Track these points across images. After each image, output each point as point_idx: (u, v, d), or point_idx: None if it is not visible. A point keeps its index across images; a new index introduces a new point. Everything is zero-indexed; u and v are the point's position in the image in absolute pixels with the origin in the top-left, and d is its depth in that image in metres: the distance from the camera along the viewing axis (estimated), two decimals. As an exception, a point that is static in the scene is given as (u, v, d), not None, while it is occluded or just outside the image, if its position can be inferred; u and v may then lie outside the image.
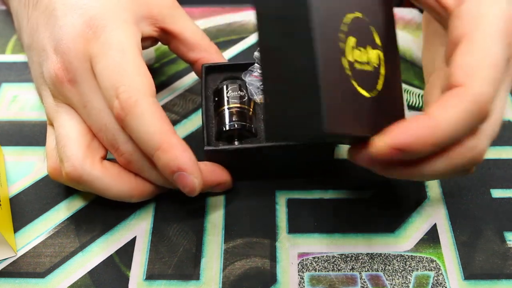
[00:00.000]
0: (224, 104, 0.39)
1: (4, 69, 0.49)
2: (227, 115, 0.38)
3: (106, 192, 0.35)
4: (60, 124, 0.36)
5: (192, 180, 0.32)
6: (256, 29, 0.27)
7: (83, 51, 0.35)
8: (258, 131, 0.39)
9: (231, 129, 0.38)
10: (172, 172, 0.32)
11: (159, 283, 0.35)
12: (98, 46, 0.34)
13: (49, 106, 0.37)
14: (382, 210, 0.38)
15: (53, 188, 0.40)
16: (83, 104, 0.35)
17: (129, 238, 0.37)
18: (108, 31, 0.35)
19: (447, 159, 0.29)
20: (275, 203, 0.39)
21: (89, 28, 0.35)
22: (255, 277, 0.35)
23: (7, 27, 0.53)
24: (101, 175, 0.35)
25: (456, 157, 0.29)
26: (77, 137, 0.35)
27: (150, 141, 0.32)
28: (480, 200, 0.39)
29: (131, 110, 0.32)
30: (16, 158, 0.42)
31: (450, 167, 0.29)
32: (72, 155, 0.34)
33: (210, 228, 0.38)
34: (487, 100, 0.28)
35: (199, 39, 0.41)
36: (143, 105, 0.32)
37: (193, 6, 0.55)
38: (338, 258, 0.36)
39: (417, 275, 0.35)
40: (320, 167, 0.40)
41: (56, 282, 0.35)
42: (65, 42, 0.35)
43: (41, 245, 0.37)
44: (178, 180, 0.33)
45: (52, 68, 0.35)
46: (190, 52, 0.41)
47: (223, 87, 0.40)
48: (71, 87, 0.35)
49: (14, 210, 0.39)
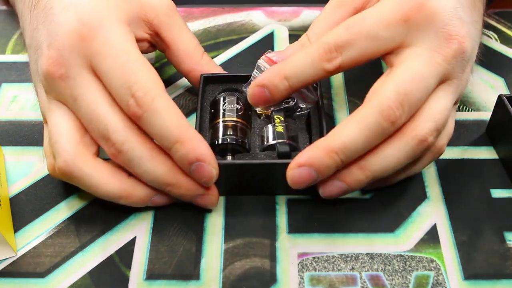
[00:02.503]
0: (219, 117, 0.39)
1: (4, 69, 0.49)
2: (221, 128, 0.38)
3: (95, 189, 0.36)
4: (52, 120, 0.36)
5: (210, 169, 0.34)
6: None
7: (77, 47, 0.35)
8: (252, 146, 0.39)
9: (224, 143, 0.38)
10: (190, 163, 0.33)
11: (159, 283, 0.35)
12: (98, 45, 0.35)
13: (43, 104, 0.37)
14: (382, 210, 0.38)
15: (53, 188, 0.40)
16: (73, 98, 0.35)
17: (129, 238, 0.37)
18: (105, 31, 0.35)
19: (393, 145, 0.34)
20: (275, 203, 0.39)
21: (83, 25, 0.35)
22: (255, 277, 0.35)
23: (7, 27, 0.53)
24: (92, 171, 0.35)
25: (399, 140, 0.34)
26: (68, 132, 0.35)
27: (169, 135, 0.33)
28: (480, 200, 0.39)
29: (149, 107, 0.33)
30: (16, 158, 0.42)
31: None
32: (63, 150, 0.34)
33: (210, 228, 0.38)
34: (383, 109, 0.32)
35: (191, 51, 0.42)
36: (160, 102, 0.33)
37: (193, 6, 0.55)
38: (338, 258, 0.36)
39: (417, 275, 0.35)
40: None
41: (56, 282, 0.35)
42: (59, 38, 0.35)
43: (41, 245, 0.37)
44: (196, 171, 0.34)
45: (45, 63, 0.35)
46: (182, 63, 0.42)
47: (220, 99, 0.40)
48: (63, 81, 0.35)
49: (14, 210, 0.39)
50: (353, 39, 0.34)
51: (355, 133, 0.32)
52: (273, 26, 0.53)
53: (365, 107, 0.33)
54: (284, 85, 0.35)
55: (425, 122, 0.33)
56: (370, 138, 0.33)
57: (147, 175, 0.35)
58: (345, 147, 0.32)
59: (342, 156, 0.33)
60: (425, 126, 0.33)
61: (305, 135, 0.40)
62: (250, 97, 0.37)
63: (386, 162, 0.34)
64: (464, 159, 0.42)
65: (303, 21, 0.54)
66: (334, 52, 0.34)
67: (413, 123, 0.34)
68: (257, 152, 0.39)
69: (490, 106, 0.45)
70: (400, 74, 0.33)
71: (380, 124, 0.32)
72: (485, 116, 0.44)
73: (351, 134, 0.32)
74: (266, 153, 0.39)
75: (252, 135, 0.40)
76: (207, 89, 0.42)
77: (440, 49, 0.34)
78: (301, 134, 0.40)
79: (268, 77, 0.35)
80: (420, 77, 0.33)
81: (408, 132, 0.33)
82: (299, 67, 0.35)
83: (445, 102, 0.35)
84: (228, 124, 0.38)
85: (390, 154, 0.34)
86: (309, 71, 0.35)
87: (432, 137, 0.34)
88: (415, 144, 0.33)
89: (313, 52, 0.35)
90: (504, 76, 0.48)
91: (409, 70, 0.33)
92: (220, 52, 0.51)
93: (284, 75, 0.35)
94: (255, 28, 0.53)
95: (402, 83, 0.33)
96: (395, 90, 0.33)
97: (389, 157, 0.34)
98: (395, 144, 0.34)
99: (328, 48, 0.34)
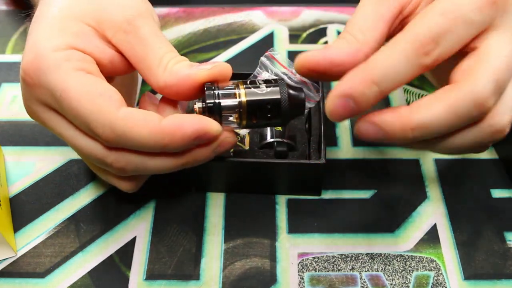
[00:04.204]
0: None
1: (4, 69, 0.49)
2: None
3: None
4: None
5: (217, 136, 0.32)
6: None
7: (28, 92, 0.32)
8: (251, 143, 0.39)
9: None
10: (193, 143, 0.31)
11: (159, 283, 0.35)
12: (41, 94, 0.32)
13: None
14: (382, 210, 0.38)
15: (53, 188, 0.40)
16: (50, 128, 0.34)
17: (129, 238, 0.37)
18: (44, 75, 0.31)
19: (461, 137, 0.31)
20: (275, 203, 0.39)
21: (25, 73, 0.32)
22: (255, 277, 0.35)
23: (7, 27, 0.53)
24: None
25: (453, 100, 0.30)
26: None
27: (152, 144, 0.31)
28: (480, 200, 0.39)
29: (116, 138, 0.30)
30: (16, 158, 0.42)
31: (450, 112, 0.30)
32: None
33: (210, 228, 0.38)
34: (478, 98, 0.29)
35: (154, 68, 0.33)
36: (121, 125, 0.30)
37: (193, 6, 0.55)
38: (338, 258, 0.36)
39: (417, 275, 0.35)
40: (309, 185, 0.39)
41: (56, 282, 0.35)
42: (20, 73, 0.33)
43: (41, 245, 0.37)
44: (205, 143, 0.32)
45: (22, 64, 0.33)
46: (148, 81, 0.34)
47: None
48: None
49: (14, 210, 0.39)
50: (451, 26, 0.29)
51: (441, 114, 0.29)
52: (273, 26, 0.53)
53: (457, 89, 0.29)
54: (374, 92, 0.29)
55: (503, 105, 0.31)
56: (454, 122, 0.30)
57: (162, 170, 0.33)
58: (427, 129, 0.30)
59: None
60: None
61: (304, 134, 0.40)
62: (331, 112, 0.29)
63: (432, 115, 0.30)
64: (464, 159, 0.42)
65: (303, 21, 0.54)
66: (431, 43, 0.29)
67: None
68: (255, 149, 0.39)
69: (490, 106, 0.44)
70: (494, 60, 0.30)
71: (470, 112, 0.29)
72: (485, 116, 0.44)
73: (437, 116, 0.29)
74: (264, 150, 0.39)
75: (251, 131, 0.40)
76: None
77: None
78: (300, 134, 0.40)
79: (352, 84, 0.29)
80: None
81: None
82: (391, 67, 0.29)
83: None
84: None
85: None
86: (404, 70, 0.29)
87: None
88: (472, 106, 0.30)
89: (407, 47, 0.29)
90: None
91: (503, 56, 0.30)
92: (220, 52, 0.51)
93: (372, 80, 0.29)
94: (255, 28, 0.53)
95: (498, 70, 0.29)
96: (493, 78, 0.29)
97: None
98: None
99: (424, 39, 0.29)
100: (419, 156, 0.42)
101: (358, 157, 0.42)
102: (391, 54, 0.29)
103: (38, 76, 0.31)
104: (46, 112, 0.33)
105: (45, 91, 0.31)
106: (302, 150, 0.39)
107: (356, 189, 0.40)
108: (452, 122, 0.29)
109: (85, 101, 0.30)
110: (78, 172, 0.41)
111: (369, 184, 0.40)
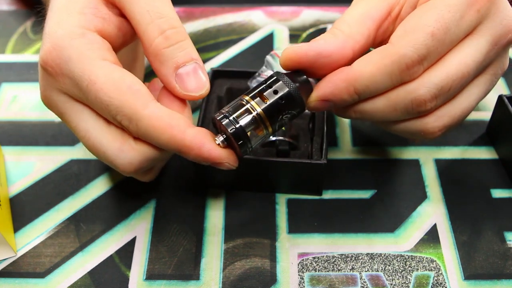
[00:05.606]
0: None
1: (4, 69, 0.49)
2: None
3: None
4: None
5: (227, 166, 0.32)
6: None
7: (50, 84, 0.32)
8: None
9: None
10: (205, 162, 0.32)
11: (159, 283, 0.35)
12: (65, 82, 0.31)
13: None
14: (382, 210, 0.38)
15: (53, 188, 0.40)
16: (69, 125, 0.33)
17: (129, 238, 0.37)
18: (67, 65, 0.31)
19: (385, 99, 0.32)
20: (275, 203, 0.39)
21: (45, 64, 0.32)
22: (255, 277, 0.35)
23: (7, 27, 0.53)
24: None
25: (394, 98, 0.32)
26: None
27: (171, 146, 0.31)
28: (480, 200, 0.39)
29: (138, 131, 0.30)
30: (16, 158, 0.42)
31: (390, 106, 0.32)
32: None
33: (210, 228, 0.38)
34: (407, 60, 0.30)
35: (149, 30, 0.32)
36: (142, 124, 0.30)
37: (193, 6, 0.55)
38: (338, 258, 0.36)
39: (417, 275, 0.35)
40: (310, 185, 0.39)
41: (56, 282, 0.35)
42: (40, 62, 0.32)
43: (41, 245, 0.37)
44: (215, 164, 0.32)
45: (40, 54, 0.32)
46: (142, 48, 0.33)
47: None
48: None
49: (14, 210, 0.39)
50: (436, 47, 0.31)
51: (373, 71, 0.31)
52: (273, 26, 0.53)
53: (387, 50, 0.31)
54: (354, 99, 0.32)
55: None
56: (385, 80, 0.31)
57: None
58: (365, 86, 0.31)
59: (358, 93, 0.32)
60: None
61: (307, 134, 0.40)
62: (312, 109, 0.33)
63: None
64: (464, 159, 0.42)
65: (303, 21, 0.54)
66: (416, 65, 0.31)
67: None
68: (258, 147, 0.39)
69: (490, 106, 0.44)
70: (426, 27, 0.31)
71: (394, 71, 0.31)
72: (485, 116, 0.44)
73: (370, 71, 0.31)
74: (266, 148, 0.39)
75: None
76: (215, 83, 0.42)
77: None
78: (303, 133, 0.40)
79: (335, 92, 0.32)
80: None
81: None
82: (374, 83, 0.31)
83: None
84: None
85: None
86: (386, 85, 0.31)
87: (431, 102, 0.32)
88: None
89: (393, 68, 0.31)
90: (505, 76, 0.48)
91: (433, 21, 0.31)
92: (220, 52, 0.51)
93: (354, 90, 0.31)
94: (255, 28, 0.53)
95: (428, 39, 0.31)
96: (419, 47, 0.30)
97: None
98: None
99: (411, 63, 0.30)
100: (419, 156, 0.42)
101: (358, 157, 0.42)
102: (376, 71, 0.31)
103: (59, 65, 0.31)
104: (67, 101, 0.32)
105: (68, 80, 0.31)
106: (304, 149, 0.39)
107: (356, 189, 0.40)
108: (384, 79, 0.31)
109: (113, 93, 0.30)
110: (78, 172, 0.41)
111: (369, 184, 0.40)
